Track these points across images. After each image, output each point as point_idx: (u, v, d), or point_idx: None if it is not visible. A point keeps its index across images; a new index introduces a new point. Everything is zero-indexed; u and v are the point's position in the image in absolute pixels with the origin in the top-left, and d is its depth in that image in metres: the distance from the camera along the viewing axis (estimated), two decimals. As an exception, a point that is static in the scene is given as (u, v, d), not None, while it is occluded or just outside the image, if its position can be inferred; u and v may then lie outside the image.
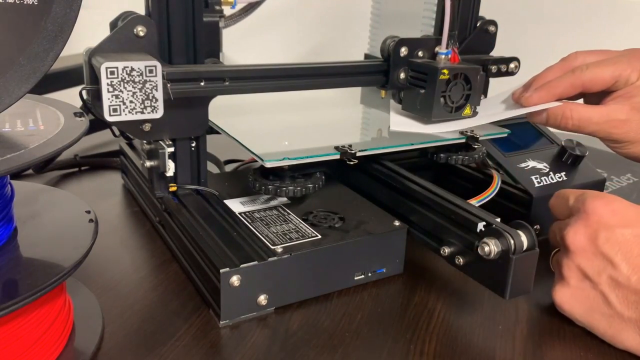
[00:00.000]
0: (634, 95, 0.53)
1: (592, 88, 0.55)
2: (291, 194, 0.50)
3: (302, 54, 1.11)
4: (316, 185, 0.52)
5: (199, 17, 0.49)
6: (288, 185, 0.50)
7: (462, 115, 0.59)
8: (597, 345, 0.42)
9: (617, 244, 0.41)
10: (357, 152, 0.49)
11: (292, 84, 0.54)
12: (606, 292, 0.42)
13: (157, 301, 0.45)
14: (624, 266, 0.41)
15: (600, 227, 0.42)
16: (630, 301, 0.41)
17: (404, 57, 0.59)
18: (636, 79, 0.53)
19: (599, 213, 0.42)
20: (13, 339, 0.34)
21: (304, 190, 0.51)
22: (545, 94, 0.56)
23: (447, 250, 0.46)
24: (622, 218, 0.42)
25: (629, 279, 0.40)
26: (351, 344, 0.41)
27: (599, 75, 0.54)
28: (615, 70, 0.54)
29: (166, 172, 0.50)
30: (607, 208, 0.42)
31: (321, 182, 0.52)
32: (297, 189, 0.50)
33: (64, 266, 0.34)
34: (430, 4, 0.63)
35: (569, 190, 0.47)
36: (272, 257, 0.43)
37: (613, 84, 0.54)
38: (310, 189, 0.51)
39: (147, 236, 0.56)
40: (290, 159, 0.47)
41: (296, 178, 0.52)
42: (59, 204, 0.43)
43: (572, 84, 0.55)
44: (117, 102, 0.43)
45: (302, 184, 0.51)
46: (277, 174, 0.52)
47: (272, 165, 0.47)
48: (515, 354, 0.41)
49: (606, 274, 0.41)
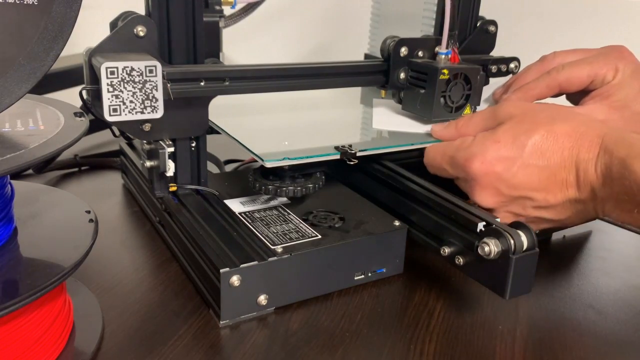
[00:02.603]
0: (611, 94, 0.54)
1: (568, 88, 0.56)
2: (291, 194, 0.51)
3: (302, 53, 1.11)
4: (316, 185, 0.52)
5: (199, 17, 0.49)
6: (288, 185, 0.51)
7: (462, 115, 0.59)
8: (597, 345, 0.42)
9: (517, 184, 0.45)
10: (357, 152, 0.50)
11: (292, 84, 0.54)
12: (538, 214, 0.47)
13: (157, 301, 0.45)
14: (536, 194, 0.45)
15: (495, 181, 0.45)
16: (560, 212, 0.46)
17: (404, 57, 0.59)
18: (612, 78, 0.54)
19: (484, 172, 0.45)
20: (13, 339, 0.34)
21: (304, 190, 0.51)
22: (523, 95, 0.58)
23: (447, 250, 0.46)
24: (501, 161, 0.45)
25: (547, 200, 0.45)
26: (351, 344, 0.41)
27: (575, 76, 0.55)
28: (591, 70, 0.55)
29: (166, 172, 0.50)
30: (486, 164, 0.45)
31: (321, 182, 0.53)
32: (297, 189, 0.51)
33: (64, 266, 0.34)
34: (430, 4, 0.63)
35: (438, 158, 0.50)
36: (272, 257, 0.43)
37: (590, 84, 0.55)
38: (311, 189, 0.51)
39: (147, 236, 0.56)
40: (291, 158, 0.47)
41: (296, 178, 0.52)
42: (59, 204, 0.43)
43: (548, 85, 0.56)
44: (117, 102, 0.43)
45: (302, 184, 0.51)
46: (277, 173, 0.52)
47: (272, 165, 0.47)
48: (515, 354, 0.41)
49: (529, 206, 0.46)
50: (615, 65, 0.54)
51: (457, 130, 0.53)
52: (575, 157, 0.44)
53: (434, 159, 0.51)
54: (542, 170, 0.44)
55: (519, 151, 0.45)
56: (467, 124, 0.52)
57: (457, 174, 0.49)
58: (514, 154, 0.45)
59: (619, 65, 0.54)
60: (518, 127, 0.46)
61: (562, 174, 0.44)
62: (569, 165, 0.44)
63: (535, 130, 0.45)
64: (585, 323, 0.45)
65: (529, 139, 0.45)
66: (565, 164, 0.44)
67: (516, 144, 0.45)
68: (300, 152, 0.49)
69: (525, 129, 0.45)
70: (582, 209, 0.45)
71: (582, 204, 0.45)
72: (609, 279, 0.52)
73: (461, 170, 0.47)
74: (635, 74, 0.54)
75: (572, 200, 0.45)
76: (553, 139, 0.44)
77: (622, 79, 0.54)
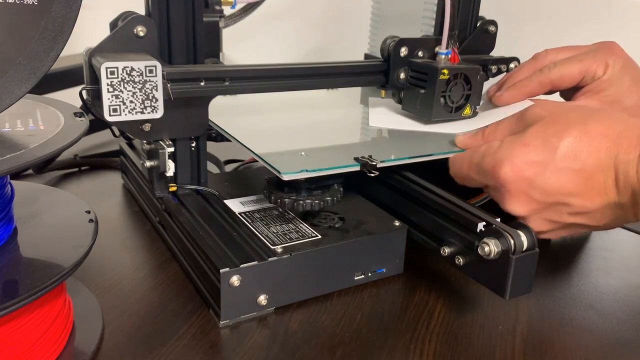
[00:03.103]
0: (602, 90, 0.55)
1: (560, 85, 0.57)
2: (308, 208, 0.48)
3: (302, 53, 1.11)
4: (334, 198, 0.49)
5: (199, 17, 0.49)
6: (305, 198, 0.48)
7: (461, 116, 0.59)
8: (597, 345, 0.42)
9: (550, 189, 0.42)
10: (378, 164, 0.47)
11: (292, 84, 0.54)
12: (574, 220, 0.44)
13: (157, 301, 0.45)
14: (572, 200, 0.42)
15: (526, 187, 0.43)
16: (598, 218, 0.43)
17: (404, 57, 0.59)
18: (603, 73, 0.55)
19: (514, 178, 0.43)
20: (13, 339, 0.34)
21: (322, 203, 0.48)
22: (516, 92, 0.58)
23: (447, 250, 0.46)
24: (532, 166, 0.42)
25: (584, 206, 0.42)
26: (351, 344, 0.41)
27: (566, 73, 0.56)
28: (582, 67, 0.55)
29: (166, 172, 0.50)
30: (515, 169, 0.43)
31: (339, 194, 0.50)
32: (315, 203, 0.48)
33: (64, 266, 0.34)
34: (430, 4, 0.63)
35: (465, 167, 0.47)
36: (272, 257, 0.43)
37: (581, 80, 0.56)
38: (329, 202, 0.49)
39: (147, 236, 0.56)
40: (309, 171, 0.45)
41: (313, 190, 0.49)
42: (59, 204, 0.42)
43: (540, 82, 0.57)
44: (117, 102, 0.43)
45: (319, 197, 0.48)
46: (292, 185, 0.49)
47: (289, 178, 0.44)
48: (515, 354, 0.41)
49: (565, 212, 0.43)
50: (605, 61, 0.54)
51: (484, 139, 0.50)
52: (614, 159, 0.41)
53: (460, 168, 0.48)
54: (577, 174, 0.42)
55: (550, 154, 0.42)
56: (494, 131, 0.49)
57: (486, 182, 0.46)
58: (545, 157, 0.42)
59: (608, 60, 0.54)
60: (548, 129, 0.43)
61: (599, 177, 0.41)
62: (607, 168, 0.41)
63: (567, 131, 0.42)
64: (585, 323, 0.45)
65: (561, 140, 0.42)
66: (603, 166, 0.41)
67: (547, 146, 0.42)
68: (318, 163, 0.46)
69: (555, 130, 0.43)
70: (621, 214, 0.42)
71: (622, 209, 0.42)
72: (609, 279, 0.52)
73: (489, 177, 0.44)
74: (625, 69, 0.54)
75: (612, 205, 0.42)
76: (588, 139, 0.41)
77: (612, 74, 0.54)
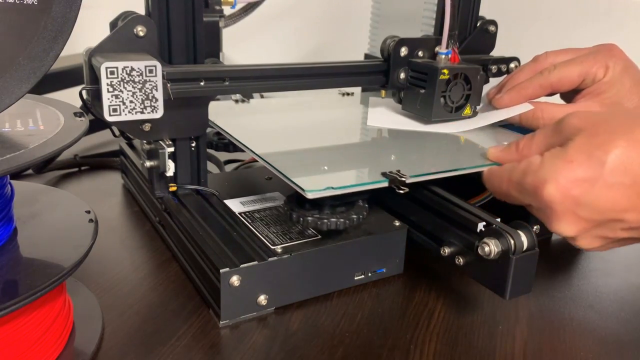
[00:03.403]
0: (602, 92, 0.55)
1: (560, 88, 0.57)
2: (333, 227, 0.45)
3: (302, 53, 1.11)
4: (360, 216, 0.46)
5: (199, 17, 0.49)
6: (329, 216, 0.45)
7: (461, 116, 0.59)
8: (597, 345, 0.42)
9: (602, 207, 0.39)
10: (408, 179, 0.44)
11: (292, 84, 0.54)
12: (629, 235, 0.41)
13: (157, 301, 0.45)
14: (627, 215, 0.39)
15: (574, 207, 0.39)
16: None
17: (404, 57, 0.59)
18: (603, 76, 0.55)
19: (560, 199, 0.39)
20: (13, 339, 0.34)
21: (348, 222, 0.45)
22: (516, 95, 0.58)
23: (447, 250, 0.46)
24: (578, 184, 0.39)
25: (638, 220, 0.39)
26: (351, 344, 0.41)
27: (566, 75, 0.56)
28: (582, 69, 0.55)
29: (166, 172, 0.50)
30: (561, 189, 0.39)
31: (365, 212, 0.47)
32: (340, 222, 0.45)
33: (63, 266, 0.34)
34: (430, 4, 0.63)
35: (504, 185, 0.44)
36: (272, 257, 0.43)
37: (581, 82, 0.56)
38: (355, 221, 0.46)
39: (147, 236, 0.56)
40: (335, 188, 0.42)
41: (336, 207, 0.46)
42: (59, 204, 0.42)
43: (540, 85, 0.57)
44: (117, 102, 0.43)
45: (345, 216, 0.45)
46: (314, 201, 0.45)
47: (314, 196, 0.42)
48: (515, 354, 0.41)
49: (619, 228, 0.40)
50: (605, 63, 0.54)
51: (518, 153, 0.47)
52: None
53: (500, 186, 0.45)
54: (629, 188, 0.38)
55: (597, 170, 0.38)
56: (529, 144, 0.46)
57: (528, 202, 0.43)
58: (592, 173, 0.39)
59: (609, 63, 0.54)
60: (592, 141, 0.39)
61: None
62: None
63: (613, 143, 0.39)
64: (585, 323, 0.45)
65: (608, 153, 0.38)
66: None
67: (593, 161, 0.39)
68: (343, 179, 0.44)
69: (600, 142, 0.39)
70: None
71: None
72: (609, 279, 0.52)
73: (532, 197, 0.41)
74: (625, 71, 0.54)
75: None
76: (637, 149, 0.38)
77: (612, 76, 0.54)
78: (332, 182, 0.43)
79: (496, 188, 0.45)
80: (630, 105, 0.54)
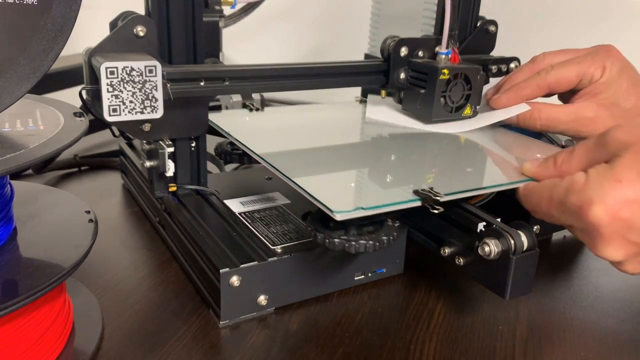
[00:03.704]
0: (599, 92, 0.55)
1: (558, 88, 0.57)
2: (362, 250, 0.41)
3: (302, 53, 1.11)
4: (390, 237, 0.43)
5: (199, 17, 0.49)
6: (358, 238, 0.42)
7: (461, 116, 0.59)
8: (597, 345, 0.42)
9: None
10: (442, 197, 0.41)
11: (292, 84, 0.54)
12: None
13: (157, 301, 0.45)
14: None
15: (624, 230, 0.36)
16: None
17: (404, 57, 0.59)
18: (600, 76, 0.55)
19: (608, 221, 0.36)
20: (13, 339, 0.34)
21: (378, 244, 0.42)
22: (513, 95, 0.58)
23: (447, 250, 0.46)
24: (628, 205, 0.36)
25: None
26: (351, 344, 0.41)
27: (564, 76, 0.56)
28: (580, 70, 0.55)
29: (166, 172, 0.50)
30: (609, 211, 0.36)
31: (395, 232, 0.43)
32: (370, 244, 0.41)
33: (63, 266, 0.34)
34: (430, 4, 0.63)
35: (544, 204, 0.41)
36: (272, 257, 0.43)
37: (578, 83, 0.56)
38: (385, 243, 0.42)
39: (147, 236, 0.56)
40: (365, 209, 0.39)
41: (363, 227, 0.43)
42: (59, 204, 0.42)
43: (538, 85, 0.57)
44: (116, 102, 0.43)
45: (374, 237, 0.42)
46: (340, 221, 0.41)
47: (343, 217, 0.38)
48: (515, 354, 0.41)
49: None
50: (602, 63, 0.54)
51: (556, 169, 0.43)
52: None
53: (539, 204, 0.42)
54: None
55: None
56: (569, 159, 0.43)
57: (571, 223, 0.40)
58: None
59: (606, 63, 0.54)
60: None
61: None
62: None
63: None
64: (585, 323, 0.45)
65: None
66: None
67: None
68: (372, 198, 0.41)
69: None
70: None
71: None
72: (609, 279, 0.52)
73: (575, 218, 0.38)
74: (622, 72, 0.54)
75: None
76: None
77: (609, 77, 0.54)
78: (361, 201, 0.40)
79: (534, 206, 0.43)
80: (627, 105, 0.54)
